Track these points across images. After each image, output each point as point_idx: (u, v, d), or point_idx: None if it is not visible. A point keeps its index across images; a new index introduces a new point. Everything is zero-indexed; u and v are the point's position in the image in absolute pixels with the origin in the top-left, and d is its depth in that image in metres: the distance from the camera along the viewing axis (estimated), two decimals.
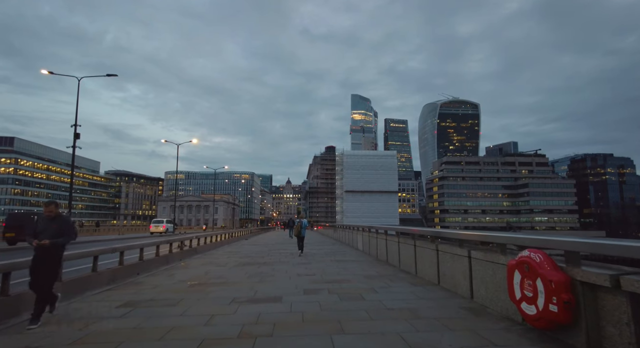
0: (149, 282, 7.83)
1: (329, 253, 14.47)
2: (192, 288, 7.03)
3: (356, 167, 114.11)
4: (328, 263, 11.19)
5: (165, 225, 43.52)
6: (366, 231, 15.02)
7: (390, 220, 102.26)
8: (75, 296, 6.25)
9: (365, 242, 14.76)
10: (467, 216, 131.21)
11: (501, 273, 4.71)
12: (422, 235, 8.38)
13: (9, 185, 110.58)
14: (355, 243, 17.12)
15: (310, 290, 6.72)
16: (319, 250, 16.55)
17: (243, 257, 13.28)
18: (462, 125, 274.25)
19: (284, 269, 9.81)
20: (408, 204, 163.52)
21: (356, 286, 7.08)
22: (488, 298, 5.13)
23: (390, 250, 10.65)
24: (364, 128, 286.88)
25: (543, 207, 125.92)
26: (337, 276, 8.44)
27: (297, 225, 14.94)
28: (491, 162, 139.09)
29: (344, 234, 22.24)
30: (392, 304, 5.45)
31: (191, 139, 41.42)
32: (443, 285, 6.73)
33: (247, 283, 7.60)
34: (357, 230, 17.41)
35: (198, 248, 15.70)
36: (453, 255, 6.30)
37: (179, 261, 12.13)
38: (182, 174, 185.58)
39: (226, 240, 22.07)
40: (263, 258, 13.10)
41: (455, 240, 6.42)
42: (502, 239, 4.92)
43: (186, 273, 9.13)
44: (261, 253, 14.80)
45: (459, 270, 6.04)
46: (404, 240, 9.36)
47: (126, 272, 8.87)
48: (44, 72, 21.12)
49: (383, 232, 12.04)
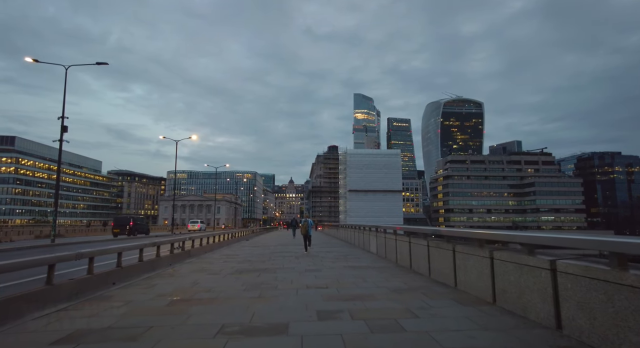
0: (119, 297, 6.20)
1: (339, 257, 12.80)
2: (170, 308, 5.38)
3: (360, 166, 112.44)
4: (341, 269, 9.52)
5: (199, 224, 51.22)
6: (380, 232, 13.34)
7: (394, 219, 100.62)
8: (10, 321, 4.63)
9: (379, 244, 13.08)
10: (472, 215, 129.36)
11: (623, 295, 3.07)
12: (465, 238, 6.71)
13: (10, 185, 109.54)
14: (367, 246, 15.44)
15: (325, 312, 5.04)
16: (327, 252, 14.87)
17: (241, 262, 11.63)
18: (466, 124, 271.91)
19: (289, 278, 8.14)
20: (412, 203, 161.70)
21: (386, 305, 5.40)
22: (594, 333, 3.46)
23: (416, 255, 8.97)
24: (367, 127, 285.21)
25: (550, 206, 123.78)
26: (356, 289, 6.76)
27: (304, 225, 15.61)
28: (496, 160, 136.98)
29: (352, 235, 20.58)
30: (448, 340, 3.77)
31: (190, 136, 39.80)
32: (502, 304, 5.05)
33: (242, 299, 5.95)
34: (368, 230, 15.72)
35: (192, 250, 14.09)
36: (521, 266, 4.63)
37: (168, 267, 10.50)
38: (185, 174, 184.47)
39: (225, 241, 20.45)
40: (264, 262, 11.45)
41: (527, 246, 4.73)
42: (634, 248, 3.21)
43: (170, 284, 7.49)
44: (262, 257, 13.16)
45: (533, 288, 4.37)
46: (436, 244, 7.68)
47: (97, 282, 7.25)
48: (28, 60, 19.67)
49: (404, 234, 10.37)
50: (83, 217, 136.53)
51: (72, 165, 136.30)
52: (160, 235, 32.78)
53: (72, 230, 37.45)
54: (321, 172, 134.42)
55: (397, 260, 10.65)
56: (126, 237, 29.99)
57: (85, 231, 40.84)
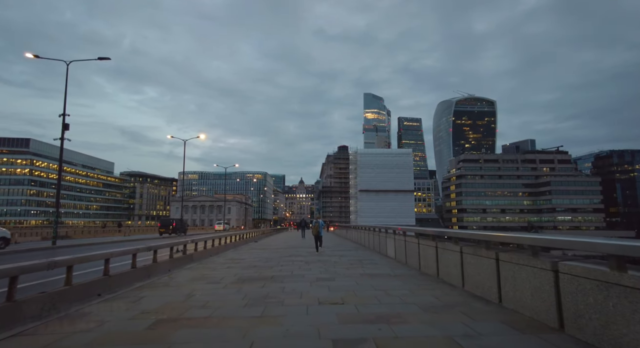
0: (95, 315, 5.18)
1: (353, 262, 11.65)
2: (149, 333, 4.32)
3: (370, 166, 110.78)
4: (358, 278, 8.37)
5: (224, 225, 59.07)
6: (399, 234, 12.15)
7: (406, 220, 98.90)
8: None
9: (399, 247, 11.90)
10: (486, 215, 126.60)
11: None
12: (518, 244, 5.53)
13: (24, 186, 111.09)
14: (384, 249, 14.24)
15: (344, 342, 3.89)
16: (340, 256, 13.73)
17: (246, 268, 10.59)
18: (478, 122, 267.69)
19: (299, 290, 7.03)
20: (424, 204, 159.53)
21: (420, 331, 4.24)
22: None
23: (445, 263, 7.79)
24: (377, 127, 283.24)
25: (566, 205, 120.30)
26: (379, 306, 5.61)
27: (315, 226, 16.34)
28: (511, 159, 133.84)
29: (366, 236, 19.39)
30: None
31: (199, 135, 39.05)
32: (576, 334, 3.85)
33: (240, 320, 4.86)
34: (385, 232, 14.52)
35: (195, 254, 13.12)
36: (609, 285, 3.44)
37: (165, 273, 9.51)
38: (196, 174, 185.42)
39: (232, 243, 19.47)
40: (272, 268, 10.38)
41: (617, 258, 3.52)
42: None
43: (161, 297, 6.46)
44: (270, 262, 12.09)
45: (633, 318, 3.18)
46: (472, 251, 6.49)
47: (76, 294, 6.26)
48: (28, 56, 19.08)
49: (429, 237, 9.20)
50: (96, 217, 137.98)
51: (85, 166, 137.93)
52: (194, 234, 35.17)
53: (81, 231, 37.04)
54: (331, 172, 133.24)
55: (420, 266, 9.46)
56: (168, 236, 36.26)
57: (99, 232, 40.69)
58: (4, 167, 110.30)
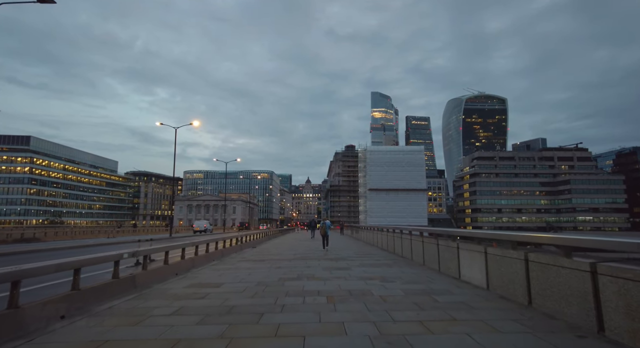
0: None
1: (383, 279, 7.11)
2: None
3: (380, 164, 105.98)
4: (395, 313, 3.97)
5: (206, 224, 55.43)
6: (432, 237, 7.75)
7: (418, 220, 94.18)
8: None
9: (431, 254, 7.53)
10: (502, 215, 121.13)
11: None
12: None
13: (24, 185, 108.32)
14: (408, 253, 9.82)
15: None
16: (363, 272, 9.06)
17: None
18: (489, 120, 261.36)
19: None
20: (434, 203, 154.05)
21: None
22: None
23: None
24: (385, 126, 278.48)
25: (587, 205, 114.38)
26: None
27: (323, 227, 19.17)
28: (527, 157, 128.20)
29: (382, 239, 15.86)
30: None
31: (191, 122, 34.89)
32: None
33: None
34: (413, 235, 10.03)
35: (182, 263, 8.81)
36: None
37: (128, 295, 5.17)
38: (201, 174, 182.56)
39: (218, 251, 15.06)
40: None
41: None
42: None
43: None
44: (261, 296, 7.56)
45: None
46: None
47: None
48: None
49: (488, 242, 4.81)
50: (99, 217, 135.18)
51: (88, 165, 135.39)
52: None
53: (54, 233, 32.25)
54: (340, 171, 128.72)
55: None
56: None
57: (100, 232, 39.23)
58: (4, 165, 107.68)
